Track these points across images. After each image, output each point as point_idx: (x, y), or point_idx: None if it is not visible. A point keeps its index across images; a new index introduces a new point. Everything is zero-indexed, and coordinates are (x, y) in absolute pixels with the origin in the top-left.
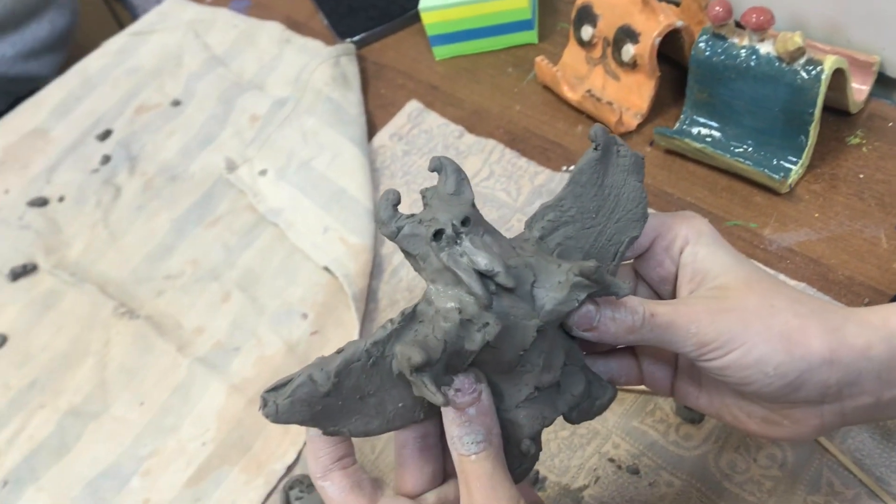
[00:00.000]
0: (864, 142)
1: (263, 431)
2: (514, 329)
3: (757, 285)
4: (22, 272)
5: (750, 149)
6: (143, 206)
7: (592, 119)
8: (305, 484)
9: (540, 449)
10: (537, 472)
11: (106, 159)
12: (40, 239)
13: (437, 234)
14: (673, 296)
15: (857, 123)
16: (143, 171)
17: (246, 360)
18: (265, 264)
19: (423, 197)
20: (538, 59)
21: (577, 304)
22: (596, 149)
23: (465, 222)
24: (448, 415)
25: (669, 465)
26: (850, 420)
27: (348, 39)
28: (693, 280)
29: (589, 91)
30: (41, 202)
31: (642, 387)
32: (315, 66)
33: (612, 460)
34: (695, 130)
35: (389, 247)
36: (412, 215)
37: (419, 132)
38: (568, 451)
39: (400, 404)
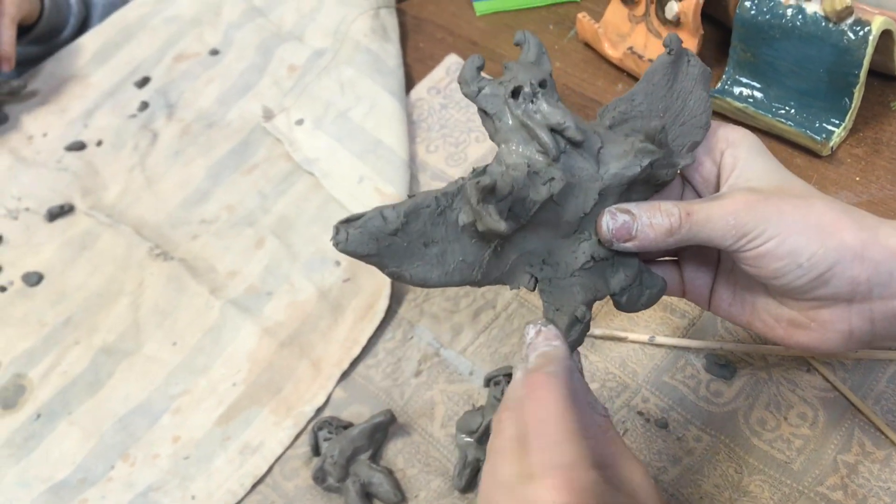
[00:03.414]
0: None
1: (294, 375)
2: (578, 188)
3: (791, 188)
4: (59, 213)
5: (792, 110)
6: (179, 152)
7: (633, 77)
8: (334, 425)
9: (591, 317)
10: None
11: (144, 105)
12: (77, 181)
13: (515, 92)
14: None
15: None
16: (181, 117)
17: (278, 304)
18: (300, 212)
19: (505, 67)
20: (580, 15)
21: (639, 170)
22: (669, 53)
23: (542, 84)
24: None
25: (698, 420)
26: (878, 329)
27: None
28: (731, 181)
29: (630, 49)
30: (79, 146)
31: (675, 340)
32: (354, 17)
33: (640, 413)
34: (737, 90)
35: None
36: (493, 79)
37: (457, 87)
38: None
39: (461, 258)
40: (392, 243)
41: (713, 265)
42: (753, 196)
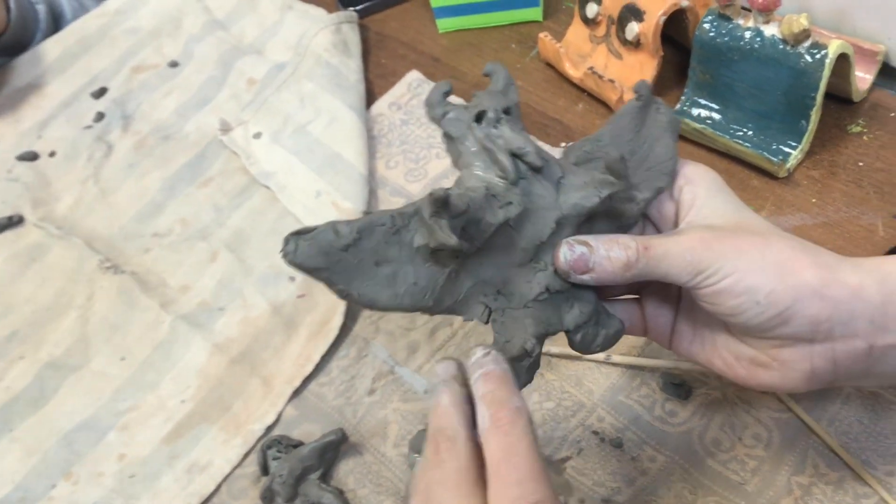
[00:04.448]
0: (865, 130)
1: (244, 392)
2: (535, 215)
3: (750, 225)
4: (7, 224)
5: (750, 132)
6: (134, 165)
7: (593, 97)
8: (283, 444)
9: (541, 352)
10: None
11: (100, 116)
12: (28, 192)
13: (479, 116)
14: None
15: (858, 112)
16: (137, 129)
17: (231, 320)
18: (255, 226)
19: (474, 96)
20: (541, 34)
21: (597, 200)
22: (638, 100)
23: (506, 111)
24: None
25: (653, 440)
26: (840, 370)
27: (351, 8)
28: (689, 218)
29: (591, 69)
30: (31, 156)
31: (631, 359)
32: (316, 32)
33: (595, 433)
34: (695, 112)
35: None
36: (459, 104)
37: (418, 103)
38: (552, 422)
39: (413, 281)
40: (342, 259)
41: (674, 303)
42: (710, 233)
